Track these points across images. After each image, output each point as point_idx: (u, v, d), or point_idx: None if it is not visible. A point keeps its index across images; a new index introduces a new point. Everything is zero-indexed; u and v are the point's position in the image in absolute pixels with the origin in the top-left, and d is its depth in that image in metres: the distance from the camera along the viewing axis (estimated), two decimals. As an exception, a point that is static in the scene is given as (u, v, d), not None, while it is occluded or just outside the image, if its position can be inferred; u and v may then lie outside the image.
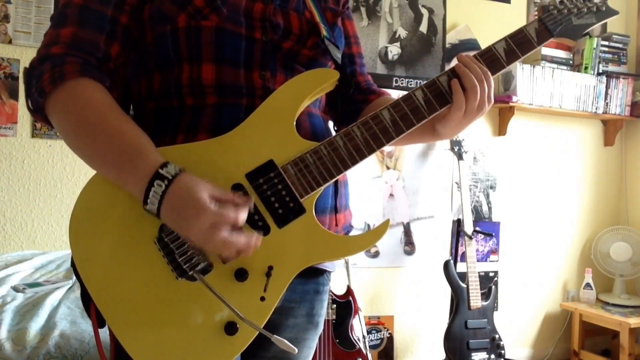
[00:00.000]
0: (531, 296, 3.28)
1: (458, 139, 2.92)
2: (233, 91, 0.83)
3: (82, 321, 1.37)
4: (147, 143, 0.76)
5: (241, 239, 0.72)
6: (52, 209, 2.44)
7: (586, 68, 3.19)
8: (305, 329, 0.94)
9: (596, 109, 3.19)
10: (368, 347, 2.51)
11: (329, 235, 0.81)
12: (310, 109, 0.89)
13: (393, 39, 2.97)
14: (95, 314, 0.78)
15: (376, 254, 2.94)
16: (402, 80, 2.96)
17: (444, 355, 2.69)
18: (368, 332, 2.85)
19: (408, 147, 3.00)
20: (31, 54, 2.39)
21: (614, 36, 3.28)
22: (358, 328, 2.53)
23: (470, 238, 2.81)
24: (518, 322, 3.24)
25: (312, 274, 0.93)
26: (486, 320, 2.75)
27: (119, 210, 0.77)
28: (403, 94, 0.85)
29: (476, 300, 2.73)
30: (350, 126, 0.82)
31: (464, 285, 2.73)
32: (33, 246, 2.41)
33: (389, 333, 2.94)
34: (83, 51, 0.79)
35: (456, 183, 2.98)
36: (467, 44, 3.08)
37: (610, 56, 3.28)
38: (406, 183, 3.00)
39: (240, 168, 0.78)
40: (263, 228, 0.78)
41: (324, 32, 0.90)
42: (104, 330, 0.80)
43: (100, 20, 0.80)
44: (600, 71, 3.21)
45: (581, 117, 3.33)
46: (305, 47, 0.89)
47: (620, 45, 3.30)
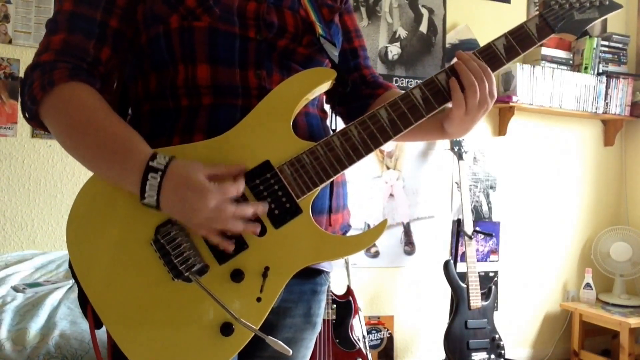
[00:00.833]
0: (531, 296, 3.28)
1: (458, 139, 2.92)
2: (229, 91, 0.83)
3: (82, 321, 1.37)
4: (135, 137, 0.77)
5: (249, 208, 0.74)
6: (52, 209, 2.44)
7: (586, 68, 3.19)
8: (302, 329, 0.94)
9: (596, 109, 3.19)
10: (368, 347, 2.51)
11: (326, 235, 0.80)
12: (307, 108, 0.89)
13: (393, 39, 2.97)
14: (92, 316, 0.78)
15: (376, 254, 2.94)
16: (402, 80, 2.96)
17: (444, 355, 2.69)
18: (368, 332, 2.85)
19: (408, 147, 3.00)
20: (31, 54, 2.39)
21: (614, 36, 3.28)
22: (358, 328, 2.54)
23: (470, 238, 2.81)
24: (518, 322, 3.24)
25: (310, 275, 0.93)
26: (486, 320, 2.75)
27: (115, 212, 0.78)
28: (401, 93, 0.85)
29: (476, 300, 2.73)
30: (347, 125, 0.82)
31: (464, 285, 2.73)
32: (33, 246, 2.41)
33: (389, 333, 2.94)
34: (73, 56, 0.79)
35: (456, 183, 2.98)
36: (467, 44, 3.08)
37: (610, 56, 3.27)
38: (406, 183, 3.00)
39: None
40: (258, 225, 0.77)
41: (320, 30, 0.89)
42: (102, 331, 0.80)
43: (89, 25, 0.80)
44: (600, 71, 3.21)
45: (581, 117, 3.33)
46: (300, 46, 0.88)
47: (620, 45, 3.30)
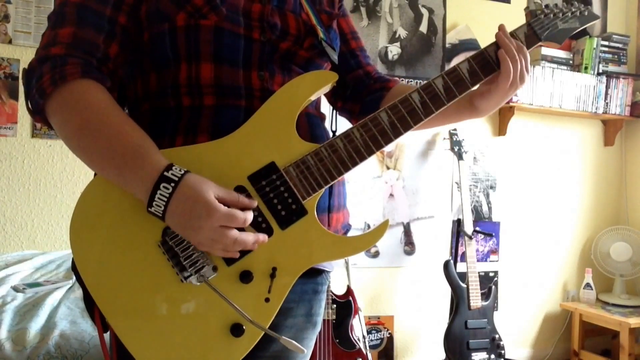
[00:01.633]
0: (531, 296, 3.28)
1: (458, 139, 2.92)
2: (231, 92, 0.83)
3: (82, 321, 1.37)
4: (150, 145, 0.76)
5: (250, 238, 0.74)
6: (52, 209, 2.44)
7: (586, 68, 3.19)
8: (304, 329, 0.94)
9: (596, 109, 3.19)
10: (368, 347, 2.51)
11: (331, 236, 0.81)
12: (307, 109, 0.90)
13: (393, 39, 2.97)
14: (99, 319, 0.78)
15: (376, 254, 2.94)
16: (402, 80, 2.96)
17: (444, 355, 2.69)
18: (368, 332, 2.85)
19: (408, 147, 3.00)
20: (31, 54, 2.39)
21: (614, 36, 3.28)
22: (358, 328, 2.53)
23: (470, 238, 2.81)
24: (518, 322, 3.24)
25: (311, 274, 0.93)
26: (486, 320, 2.75)
27: (120, 213, 0.77)
28: (400, 97, 0.86)
29: (476, 300, 2.73)
30: (350, 128, 0.83)
31: (464, 285, 2.73)
32: (33, 246, 2.41)
33: (389, 333, 2.94)
34: (83, 51, 0.78)
35: (456, 183, 2.98)
36: (467, 44, 3.08)
37: (610, 56, 3.27)
38: (406, 183, 3.00)
39: (242, 170, 0.79)
40: (266, 230, 0.78)
41: (321, 35, 0.90)
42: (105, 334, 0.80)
43: (99, 19, 0.80)
44: (600, 71, 3.21)
45: (581, 117, 3.33)
46: (302, 48, 0.89)
47: (620, 45, 3.30)
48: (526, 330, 3.28)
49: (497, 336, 2.76)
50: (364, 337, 2.51)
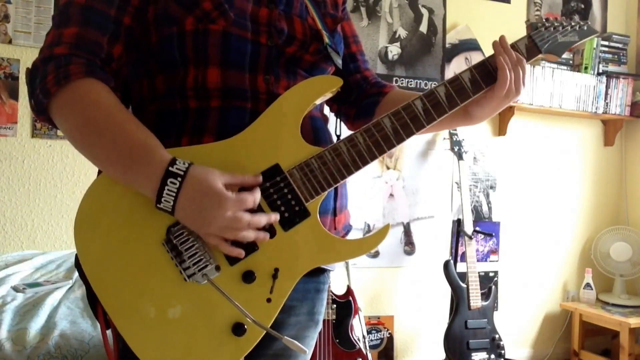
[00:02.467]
0: (531, 296, 3.28)
1: (458, 139, 2.92)
2: (238, 95, 0.84)
3: (82, 321, 1.37)
4: (155, 142, 0.77)
5: (263, 218, 0.76)
6: (52, 209, 2.44)
7: (586, 68, 3.20)
8: (306, 327, 0.95)
9: (596, 109, 3.19)
10: (368, 347, 2.51)
11: (333, 238, 0.82)
12: (311, 112, 0.90)
13: (393, 39, 2.97)
14: (102, 316, 0.79)
15: (376, 254, 2.94)
16: (402, 80, 2.96)
17: (444, 355, 2.69)
18: (368, 332, 2.85)
19: (408, 147, 3.00)
20: (31, 54, 2.39)
21: (614, 36, 3.29)
22: (358, 328, 2.54)
23: (470, 238, 2.81)
24: (518, 322, 3.24)
25: (313, 273, 0.94)
26: (486, 320, 2.75)
27: (125, 211, 0.78)
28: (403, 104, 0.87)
29: (476, 300, 2.73)
30: (353, 133, 0.84)
31: (464, 285, 2.73)
32: (33, 246, 2.41)
33: (389, 333, 2.94)
34: (87, 51, 0.79)
35: (456, 183, 2.98)
36: (467, 44, 3.08)
37: (610, 56, 3.27)
38: (406, 183, 3.00)
39: (246, 171, 0.79)
40: (269, 231, 0.79)
41: (327, 40, 0.91)
42: (107, 331, 0.80)
43: (103, 20, 0.80)
44: (600, 71, 3.21)
45: (581, 117, 3.33)
46: (307, 53, 0.90)
47: (620, 45, 3.30)
48: (526, 330, 3.28)
49: (497, 336, 2.76)
50: (364, 337, 2.51)
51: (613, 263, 3.25)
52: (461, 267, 2.84)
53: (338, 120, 1.03)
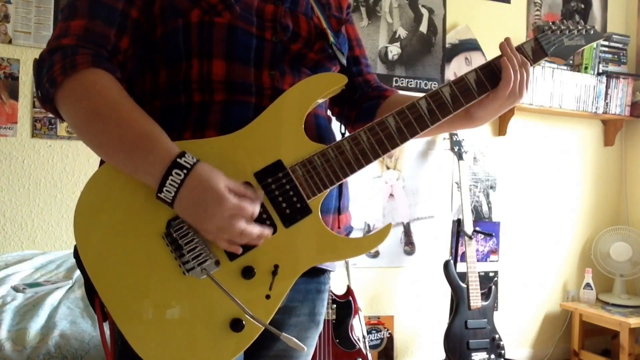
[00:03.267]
0: (531, 296, 3.28)
1: (458, 139, 2.92)
2: (242, 89, 0.84)
3: (82, 321, 1.37)
4: (160, 131, 0.77)
5: (256, 230, 0.75)
6: (52, 209, 2.44)
7: (586, 68, 3.20)
8: (307, 328, 0.95)
9: (596, 109, 3.19)
10: (368, 347, 2.51)
11: (334, 236, 0.82)
12: (315, 110, 0.90)
13: (393, 39, 2.97)
14: (100, 308, 0.78)
15: (376, 254, 2.94)
16: (402, 80, 2.96)
17: (444, 355, 2.69)
18: (368, 332, 2.85)
19: (408, 148, 3.00)
20: (31, 54, 2.39)
21: (614, 36, 3.29)
22: (358, 328, 2.53)
23: (470, 238, 2.81)
24: (518, 322, 3.24)
25: (314, 274, 0.94)
26: (486, 320, 2.75)
27: (125, 203, 0.78)
28: (409, 103, 0.87)
29: (476, 300, 2.73)
30: (357, 131, 0.84)
31: (464, 285, 2.73)
32: (33, 246, 2.41)
33: (389, 333, 2.94)
34: (94, 43, 0.79)
35: (456, 183, 2.98)
36: (467, 44, 3.08)
37: (610, 56, 3.28)
38: (406, 183, 3.00)
39: (249, 167, 0.79)
40: (270, 227, 0.79)
41: (331, 39, 0.92)
42: (105, 325, 0.80)
43: (111, 13, 0.81)
44: (600, 71, 3.21)
45: (581, 117, 3.33)
46: (312, 51, 0.91)
47: (620, 45, 3.30)
48: (526, 330, 3.28)
49: (497, 336, 2.76)
50: (364, 337, 2.51)
51: (613, 263, 3.25)
52: (461, 267, 2.84)
53: (343, 119, 1.03)
